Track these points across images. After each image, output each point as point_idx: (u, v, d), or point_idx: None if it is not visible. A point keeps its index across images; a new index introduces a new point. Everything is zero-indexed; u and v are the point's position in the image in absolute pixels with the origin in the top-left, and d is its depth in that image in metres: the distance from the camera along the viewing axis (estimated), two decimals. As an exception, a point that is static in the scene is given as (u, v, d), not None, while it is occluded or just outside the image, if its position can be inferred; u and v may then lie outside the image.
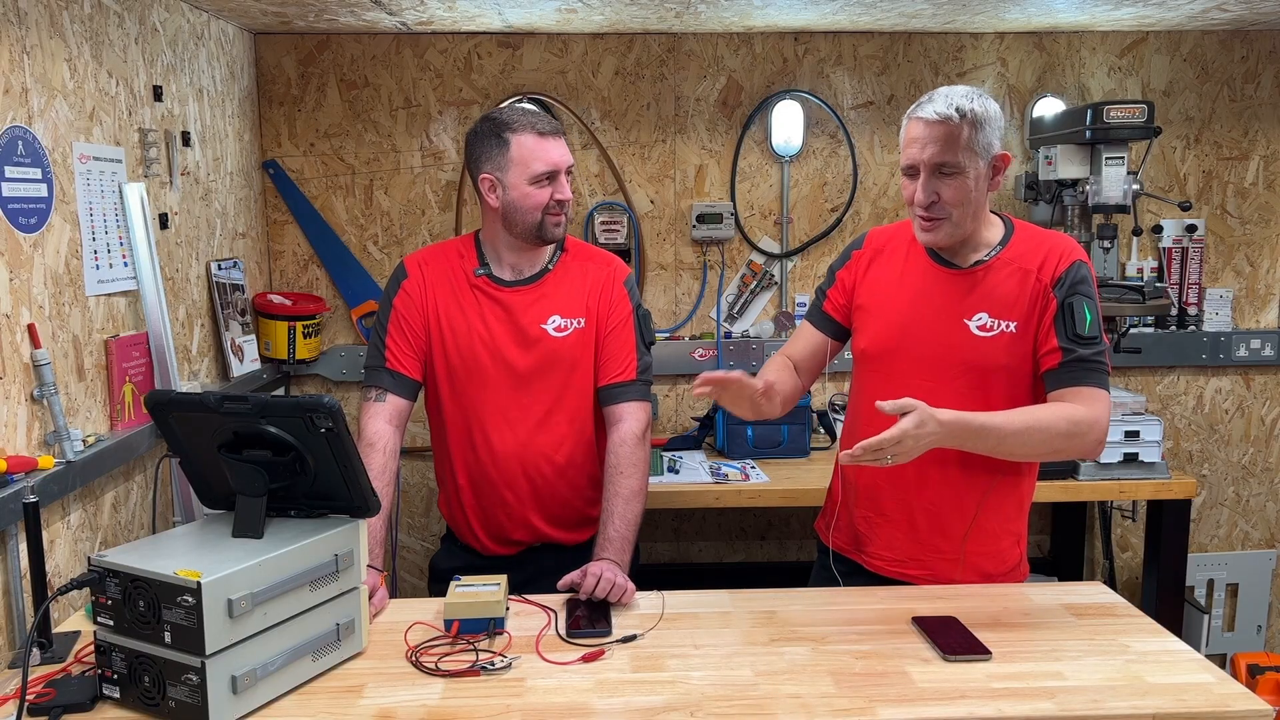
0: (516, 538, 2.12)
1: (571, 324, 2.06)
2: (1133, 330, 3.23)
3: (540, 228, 2.00)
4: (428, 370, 2.09)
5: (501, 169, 1.98)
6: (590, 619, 1.70)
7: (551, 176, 1.98)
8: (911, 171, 1.78)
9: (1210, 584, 3.36)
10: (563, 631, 1.67)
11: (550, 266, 2.09)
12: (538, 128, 1.97)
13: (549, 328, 2.04)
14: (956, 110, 1.72)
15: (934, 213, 1.77)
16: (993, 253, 1.82)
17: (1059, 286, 1.76)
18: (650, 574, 2.05)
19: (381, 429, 1.99)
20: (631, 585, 1.80)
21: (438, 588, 2.20)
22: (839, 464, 2.00)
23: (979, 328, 1.79)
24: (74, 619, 1.76)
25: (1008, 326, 1.78)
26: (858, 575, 1.95)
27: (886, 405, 1.58)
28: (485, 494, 2.10)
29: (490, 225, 2.08)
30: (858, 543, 1.96)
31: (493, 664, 1.53)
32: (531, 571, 1.94)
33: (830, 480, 2.06)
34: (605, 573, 1.77)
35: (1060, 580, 3.20)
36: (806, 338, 2.01)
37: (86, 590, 1.42)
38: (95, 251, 2.04)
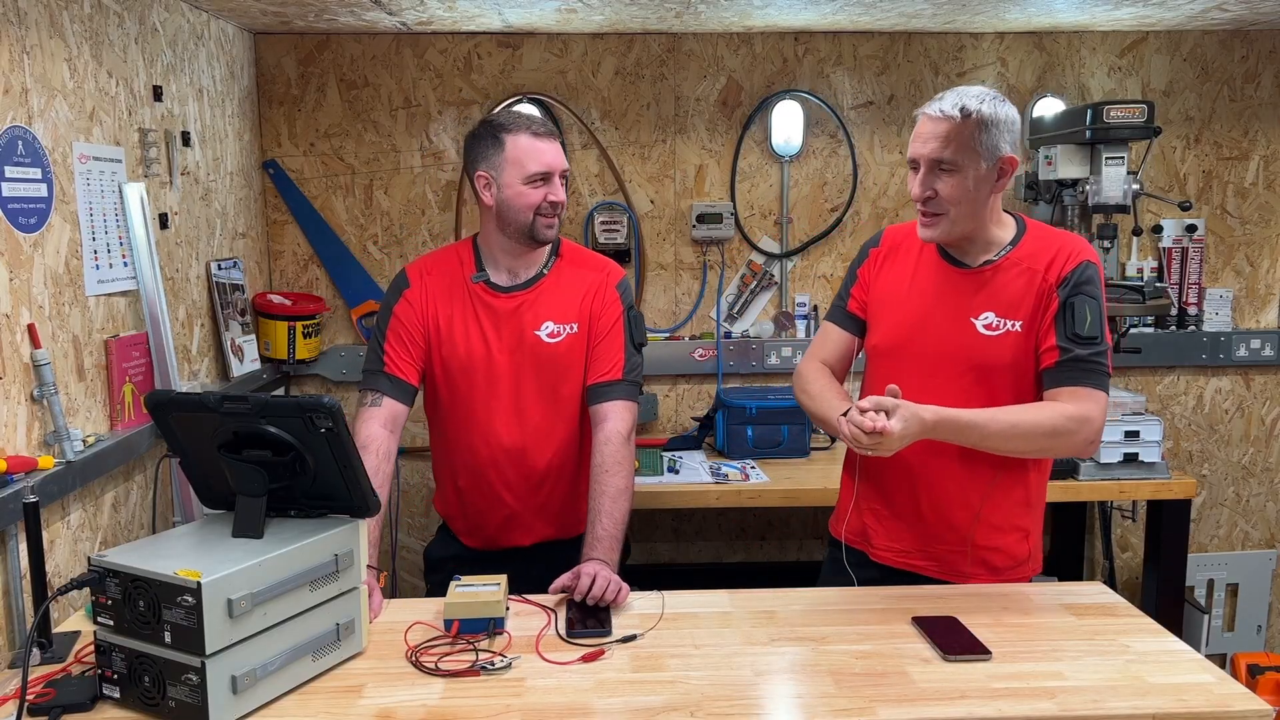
0: (514, 540, 2.13)
1: (565, 330, 2.07)
2: (1133, 330, 3.23)
3: (532, 228, 2.02)
4: (427, 375, 2.11)
5: (496, 168, 2.01)
6: (590, 619, 1.70)
7: (545, 178, 2.00)
8: (914, 165, 1.82)
9: (1210, 584, 3.36)
10: (563, 631, 1.67)
11: (545, 271, 2.10)
12: (533, 129, 2.00)
13: (542, 334, 2.06)
14: (961, 110, 1.74)
15: (931, 208, 1.80)
16: (1003, 252, 1.84)
17: (1064, 286, 1.78)
18: (650, 574, 2.05)
19: (375, 432, 1.98)
20: (624, 585, 1.79)
21: (433, 578, 2.23)
22: (846, 462, 2.05)
23: (985, 327, 1.82)
24: (74, 619, 1.76)
25: (1013, 326, 1.80)
26: (865, 566, 1.97)
27: (866, 403, 1.63)
28: (485, 496, 2.11)
29: (486, 226, 2.09)
30: (865, 536, 1.99)
31: (493, 664, 1.53)
32: (528, 569, 1.93)
33: (841, 476, 2.09)
34: (599, 574, 1.77)
35: (1060, 580, 3.19)
36: (835, 339, 2.02)
37: (86, 590, 1.41)
38: (95, 251, 2.04)
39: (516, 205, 2.01)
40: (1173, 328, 3.27)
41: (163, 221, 2.36)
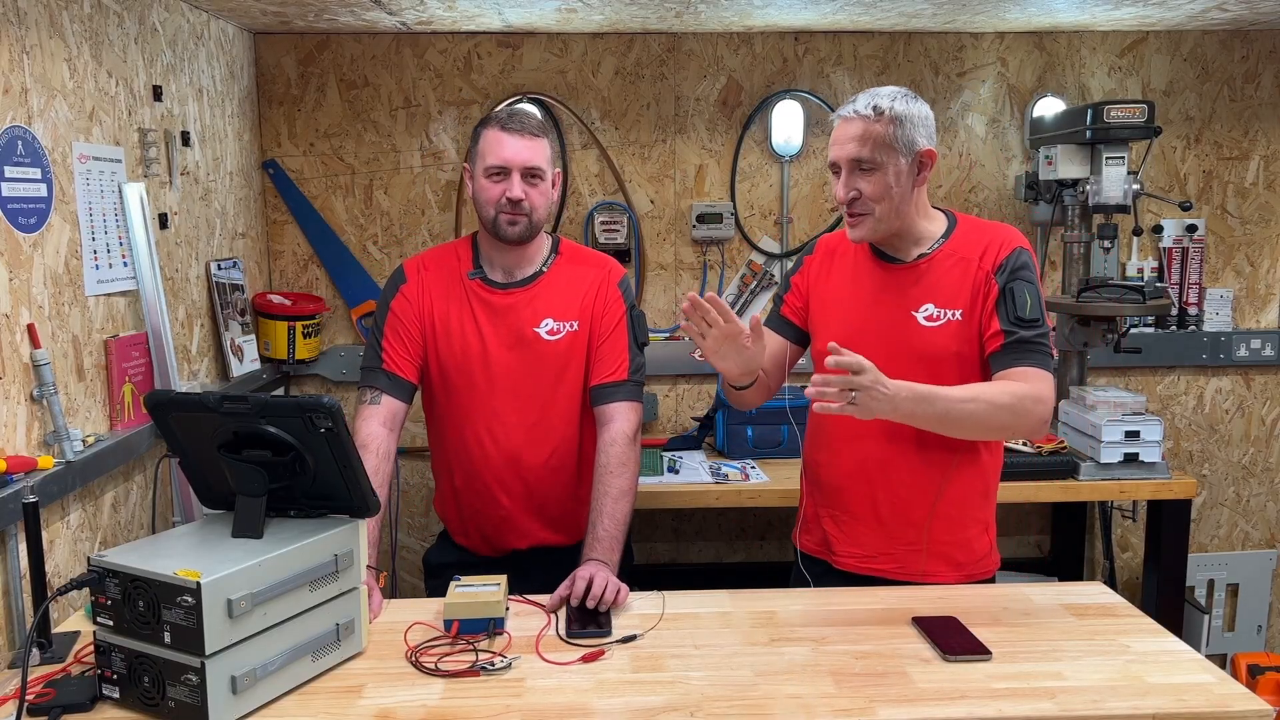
0: (509, 541, 2.12)
1: (565, 327, 2.05)
2: (1133, 330, 3.23)
3: (494, 224, 2.00)
4: (424, 372, 2.09)
5: (472, 160, 2.03)
6: (590, 619, 1.70)
7: (503, 172, 1.97)
8: (834, 169, 1.85)
9: (1210, 584, 3.36)
10: (563, 631, 1.67)
11: (544, 269, 2.09)
12: (506, 124, 1.98)
13: (541, 331, 2.04)
14: (873, 109, 1.79)
15: (856, 208, 1.84)
16: (935, 245, 1.88)
17: (1000, 273, 1.82)
18: (649, 574, 2.05)
19: (375, 430, 1.98)
20: (624, 586, 1.78)
21: (432, 583, 2.21)
22: (803, 470, 2.08)
23: (926, 319, 1.85)
24: (74, 619, 1.76)
25: (953, 315, 1.84)
26: (828, 576, 1.98)
27: (845, 352, 1.61)
28: (479, 495, 2.10)
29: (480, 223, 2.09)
30: (827, 544, 1.99)
31: (492, 664, 1.53)
32: (525, 574, 1.93)
33: (800, 487, 2.10)
34: (596, 578, 1.76)
35: (1060, 580, 3.20)
36: (768, 342, 2.02)
37: (86, 590, 1.41)
38: (95, 251, 2.04)
39: (479, 199, 2.01)
40: (1173, 328, 3.27)
41: (162, 221, 2.36)
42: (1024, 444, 2.79)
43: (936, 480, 1.88)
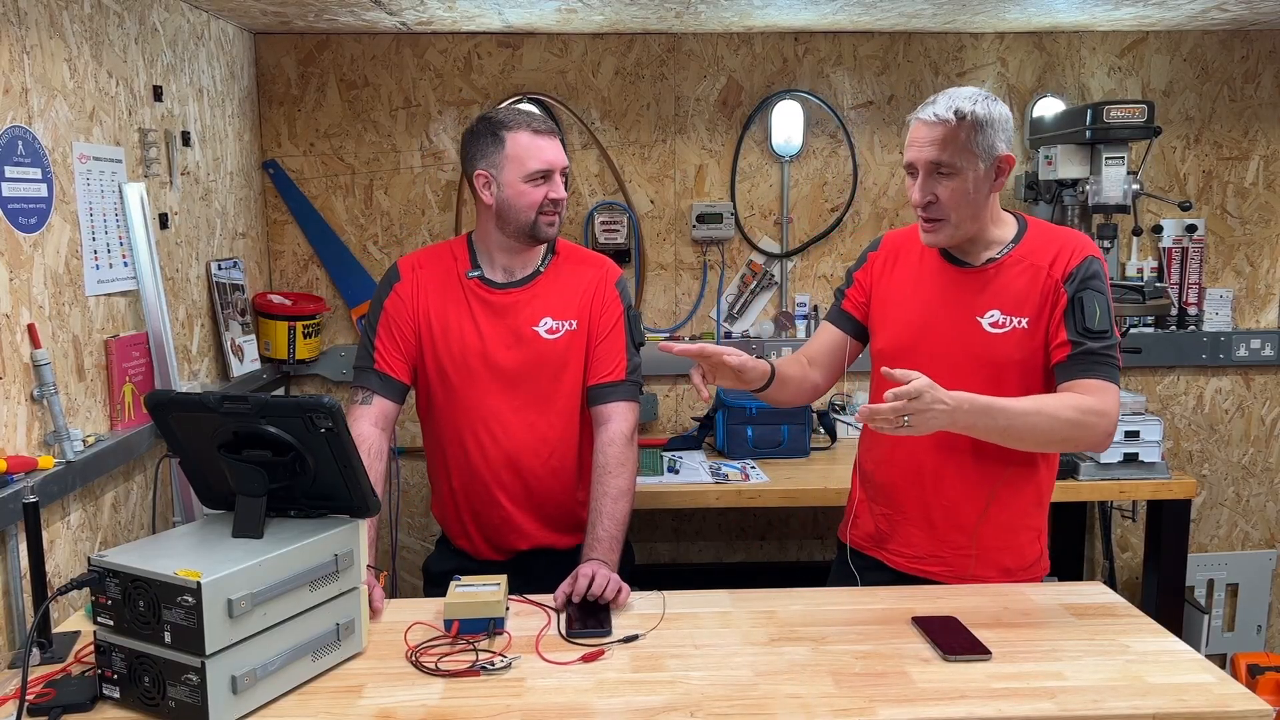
0: (510, 542, 2.11)
1: (564, 326, 2.05)
2: (1133, 330, 3.23)
3: (533, 227, 2.00)
4: (418, 373, 2.09)
5: (496, 166, 1.99)
6: (590, 619, 1.70)
7: (546, 175, 1.98)
8: (911, 170, 1.81)
9: (1210, 584, 3.36)
10: (563, 631, 1.67)
11: (542, 269, 2.08)
12: (534, 126, 1.99)
13: (540, 330, 2.04)
14: (955, 113, 1.73)
15: (932, 213, 1.80)
16: (1005, 250, 1.84)
17: (1070, 281, 1.78)
18: (650, 574, 2.05)
19: (366, 431, 1.97)
20: (625, 585, 1.78)
21: (433, 590, 2.19)
22: (856, 466, 2.05)
23: (991, 324, 1.82)
24: (74, 619, 1.76)
25: (1019, 323, 1.81)
26: (878, 570, 1.96)
27: (897, 373, 1.59)
28: (478, 496, 2.09)
29: (483, 225, 2.07)
30: (879, 540, 1.98)
31: (493, 664, 1.53)
32: (525, 576, 1.92)
33: (850, 481, 2.08)
34: (598, 573, 1.76)
35: (1060, 580, 3.19)
36: (824, 334, 2.03)
37: (86, 590, 1.41)
38: (95, 251, 2.04)
39: (518, 204, 1.98)
40: (1173, 328, 3.27)
41: (163, 221, 2.36)
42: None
43: (989, 486, 1.85)
